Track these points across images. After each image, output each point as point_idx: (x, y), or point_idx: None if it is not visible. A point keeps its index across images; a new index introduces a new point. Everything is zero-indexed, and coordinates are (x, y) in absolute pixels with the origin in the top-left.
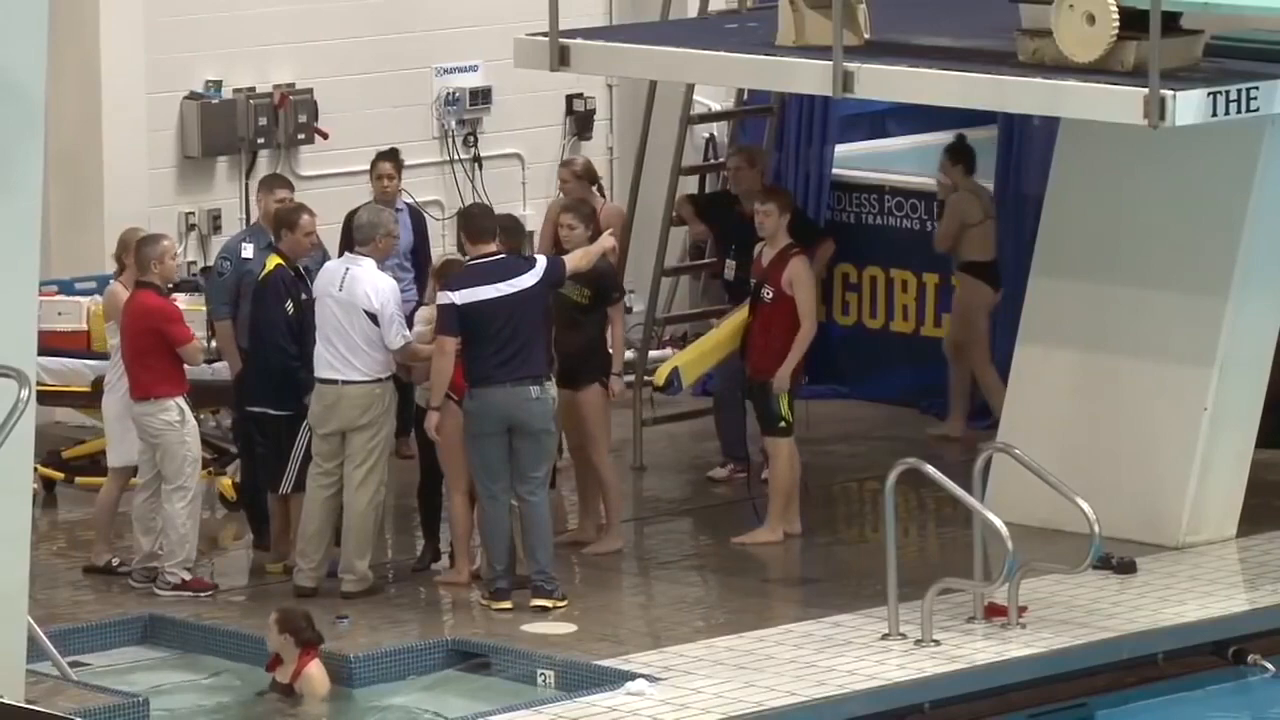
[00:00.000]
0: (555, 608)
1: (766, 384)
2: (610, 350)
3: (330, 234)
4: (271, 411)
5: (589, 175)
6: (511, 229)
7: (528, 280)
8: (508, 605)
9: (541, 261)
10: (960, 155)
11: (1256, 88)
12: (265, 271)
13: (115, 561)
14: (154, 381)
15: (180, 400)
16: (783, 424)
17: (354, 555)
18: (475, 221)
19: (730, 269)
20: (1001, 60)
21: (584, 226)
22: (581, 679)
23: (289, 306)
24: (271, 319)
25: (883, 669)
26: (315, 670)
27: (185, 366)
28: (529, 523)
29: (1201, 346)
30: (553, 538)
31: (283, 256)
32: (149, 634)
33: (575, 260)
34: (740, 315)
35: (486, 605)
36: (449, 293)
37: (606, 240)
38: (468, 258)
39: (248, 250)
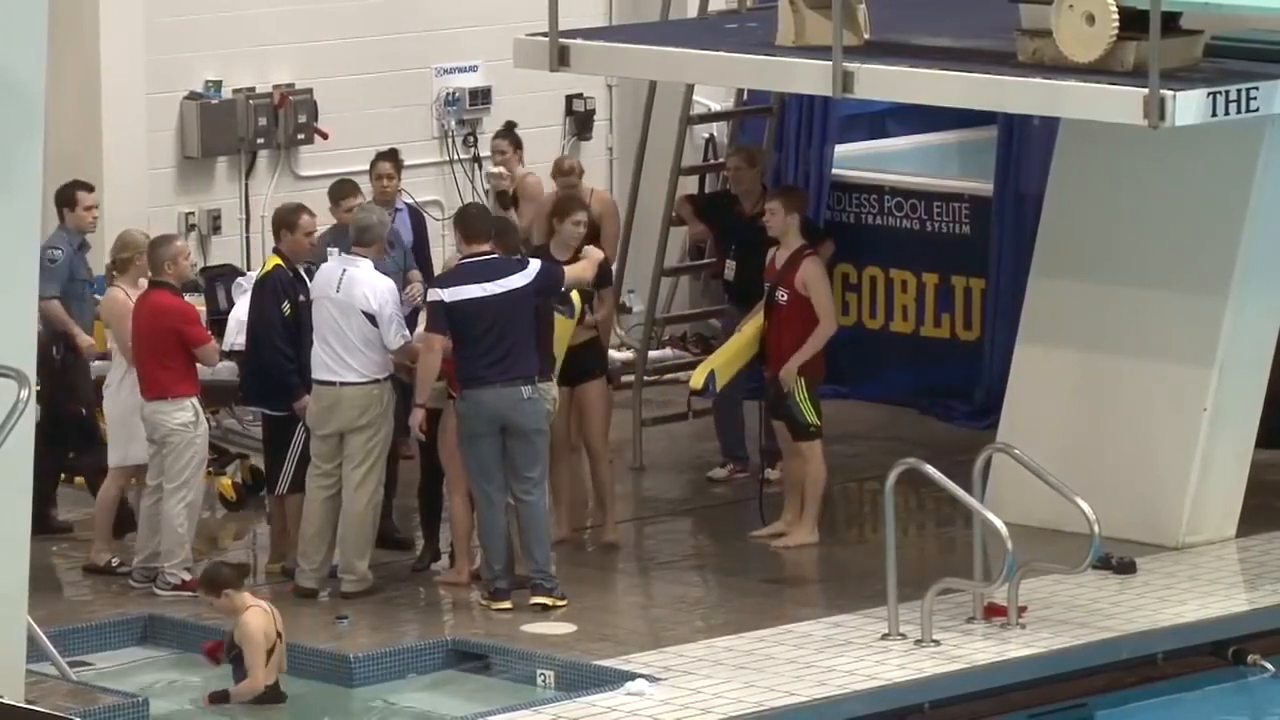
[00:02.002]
0: (555, 606)
1: (788, 391)
2: (603, 344)
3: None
4: (266, 412)
5: (579, 172)
6: (505, 231)
7: (517, 281)
8: (507, 605)
9: (535, 265)
10: (520, 141)
11: (1256, 88)
12: (264, 272)
13: (115, 561)
14: (173, 381)
15: (195, 401)
16: (812, 429)
17: (353, 555)
18: (472, 221)
19: (730, 269)
20: (1001, 60)
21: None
22: (581, 679)
23: (285, 308)
24: (268, 319)
25: (883, 669)
26: (249, 616)
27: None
28: (526, 522)
29: (1201, 346)
30: (549, 537)
31: (282, 257)
32: (149, 634)
33: (576, 272)
34: (762, 315)
35: (486, 606)
36: (438, 290)
37: (595, 253)
38: (460, 256)
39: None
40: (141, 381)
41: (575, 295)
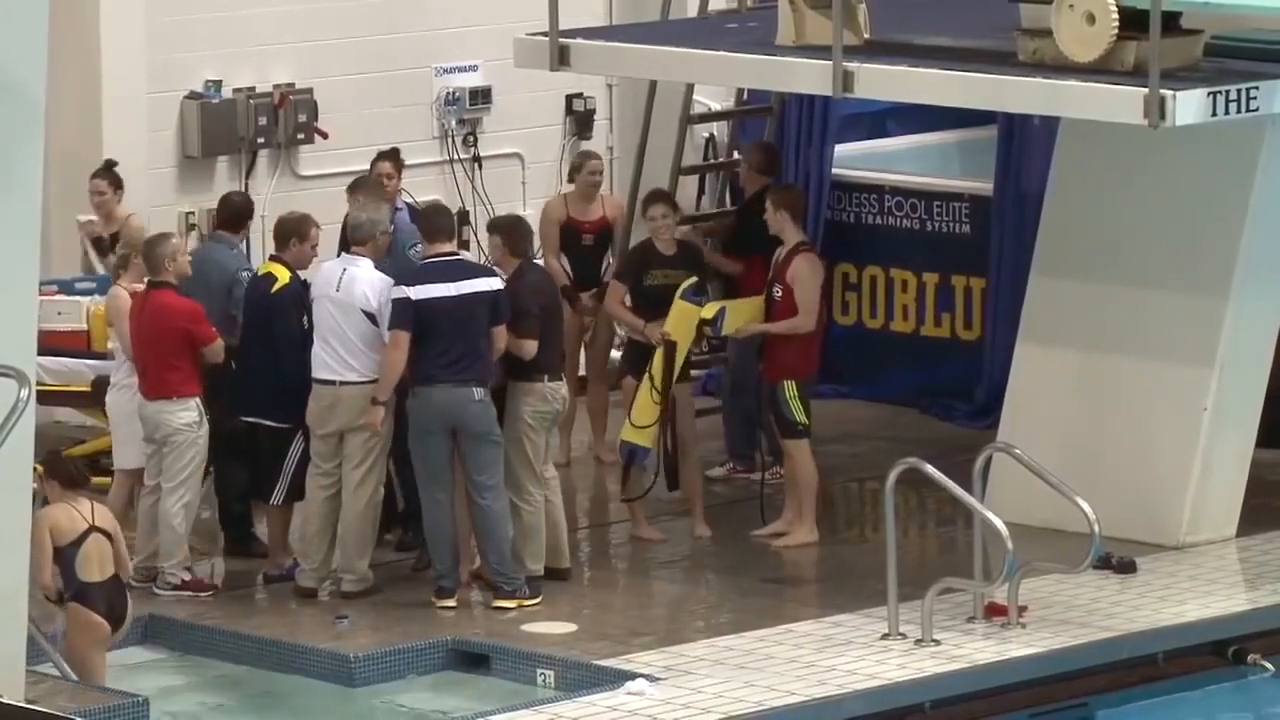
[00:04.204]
0: (520, 607)
1: (778, 386)
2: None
3: (330, 234)
4: (268, 423)
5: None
6: (516, 228)
7: (478, 285)
8: (451, 604)
9: (499, 281)
10: (120, 181)
11: (1256, 87)
12: (280, 285)
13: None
14: (181, 381)
15: (199, 401)
16: (800, 427)
17: (353, 555)
18: (431, 221)
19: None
20: (1001, 60)
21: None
22: (581, 679)
23: (305, 321)
24: (290, 333)
25: (883, 669)
26: (43, 509)
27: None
28: (479, 526)
29: (1202, 346)
30: (508, 538)
31: (287, 266)
32: (149, 634)
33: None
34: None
35: (433, 603)
36: (405, 288)
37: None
38: (425, 256)
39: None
40: (144, 381)
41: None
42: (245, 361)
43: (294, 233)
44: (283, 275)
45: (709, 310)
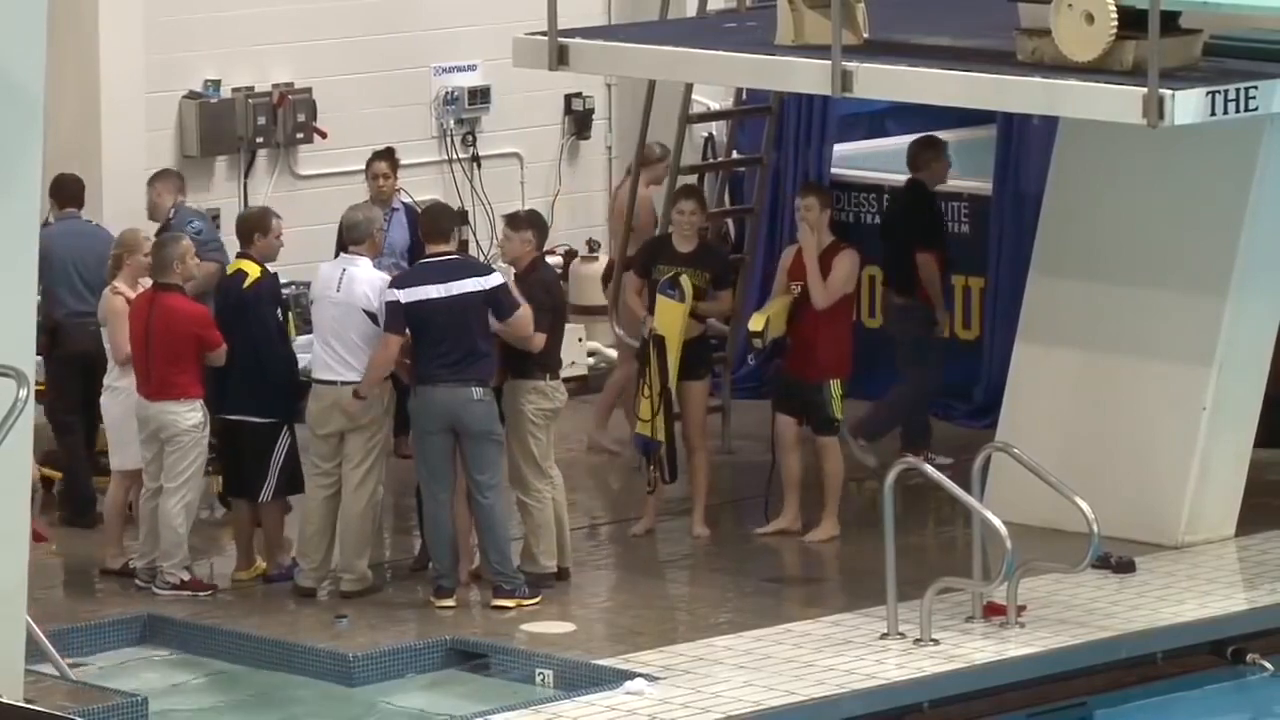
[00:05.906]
0: (519, 607)
1: (824, 385)
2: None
3: (329, 234)
4: (253, 419)
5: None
6: (543, 224)
7: (470, 285)
8: (450, 603)
9: (496, 277)
10: None
11: (1255, 87)
12: (252, 279)
13: (131, 564)
14: (189, 383)
15: (202, 402)
16: (836, 424)
17: (353, 555)
18: (435, 221)
19: None
20: (1001, 60)
21: (703, 212)
22: (580, 678)
23: (279, 313)
24: (267, 327)
25: (881, 668)
26: None
27: None
28: (479, 525)
29: (1200, 346)
30: (508, 538)
31: (257, 262)
32: (148, 634)
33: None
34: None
35: (431, 603)
36: (395, 290)
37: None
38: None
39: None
40: (149, 382)
41: (685, 281)
42: (238, 360)
43: (256, 228)
44: (253, 270)
45: (756, 322)
